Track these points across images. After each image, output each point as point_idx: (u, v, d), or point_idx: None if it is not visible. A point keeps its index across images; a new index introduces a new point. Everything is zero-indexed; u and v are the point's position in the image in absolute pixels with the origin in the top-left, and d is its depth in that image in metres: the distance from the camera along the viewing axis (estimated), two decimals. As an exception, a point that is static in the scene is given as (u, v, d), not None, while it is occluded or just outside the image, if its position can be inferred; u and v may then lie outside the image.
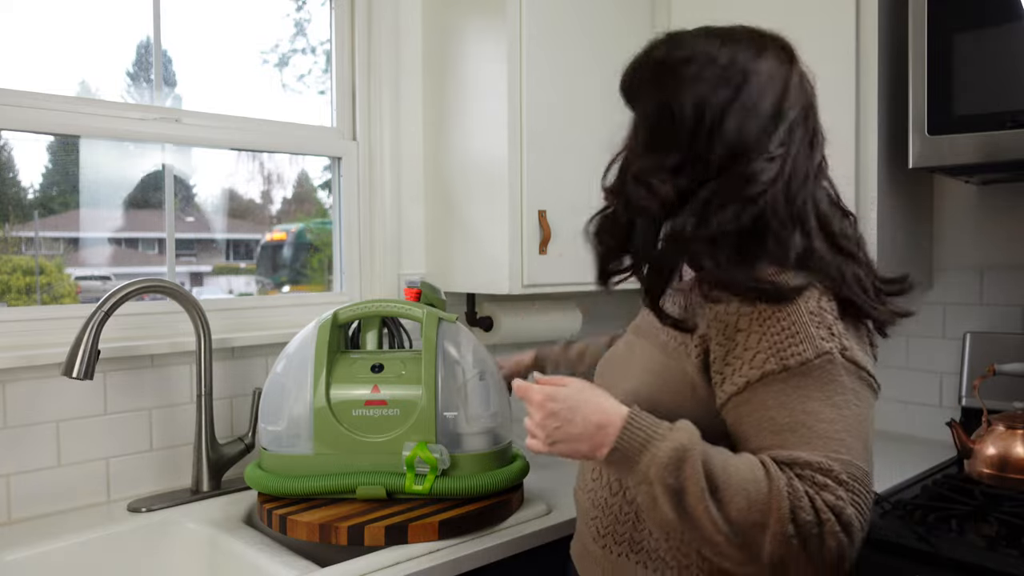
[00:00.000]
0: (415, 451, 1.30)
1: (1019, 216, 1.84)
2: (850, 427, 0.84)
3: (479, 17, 1.81)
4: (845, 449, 0.83)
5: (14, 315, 1.44)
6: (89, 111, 1.52)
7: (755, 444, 0.88)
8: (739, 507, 0.81)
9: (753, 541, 0.81)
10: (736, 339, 0.90)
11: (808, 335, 0.86)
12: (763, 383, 0.87)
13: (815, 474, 0.82)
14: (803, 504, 0.80)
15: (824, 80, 1.71)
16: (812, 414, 0.84)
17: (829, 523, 0.80)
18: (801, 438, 0.84)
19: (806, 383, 0.85)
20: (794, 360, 0.86)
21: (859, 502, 0.82)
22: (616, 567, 1.01)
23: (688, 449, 0.84)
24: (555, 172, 1.81)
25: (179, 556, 1.38)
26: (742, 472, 0.83)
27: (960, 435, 1.59)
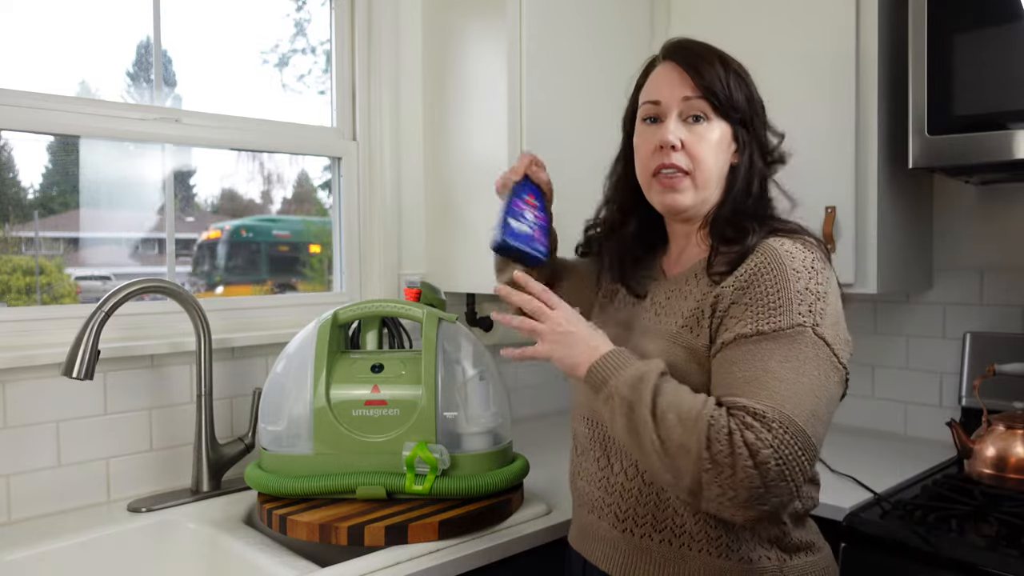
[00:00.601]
0: (415, 451, 1.30)
1: (1019, 216, 1.84)
2: (801, 390, 0.91)
3: (479, 17, 1.81)
4: (789, 405, 0.90)
5: (14, 315, 1.44)
6: (89, 111, 1.52)
7: (719, 391, 0.96)
8: (669, 425, 0.91)
9: (678, 461, 0.90)
10: (729, 311, 0.99)
11: (788, 308, 0.95)
12: (736, 343, 0.96)
13: (746, 415, 0.89)
14: (720, 436, 0.88)
15: (824, 80, 1.72)
16: (768, 372, 0.92)
17: (741, 458, 0.87)
18: (752, 389, 0.92)
19: (772, 347, 0.93)
20: (768, 326, 0.94)
21: (783, 449, 0.87)
22: (640, 548, 1.06)
23: (648, 372, 0.96)
24: (555, 172, 1.81)
25: (179, 556, 1.38)
26: (683, 399, 0.93)
27: (960, 435, 1.59)
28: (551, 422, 2.14)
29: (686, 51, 1.09)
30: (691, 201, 1.07)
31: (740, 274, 1.00)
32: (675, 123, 1.06)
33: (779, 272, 0.97)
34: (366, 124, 1.90)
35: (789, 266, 0.97)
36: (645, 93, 1.11)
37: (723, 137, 1.07)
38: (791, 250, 0.99)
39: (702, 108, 1.06)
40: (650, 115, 1.09)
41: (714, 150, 1.06)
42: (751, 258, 1.00)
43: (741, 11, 1.86)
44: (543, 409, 2.25)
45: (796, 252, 0.99)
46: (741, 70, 1.09)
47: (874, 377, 2.06)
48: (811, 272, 0.98)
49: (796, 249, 1.00)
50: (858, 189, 1.69)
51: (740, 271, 1.00)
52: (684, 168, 1.06)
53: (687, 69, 1.06)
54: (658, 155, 1.07)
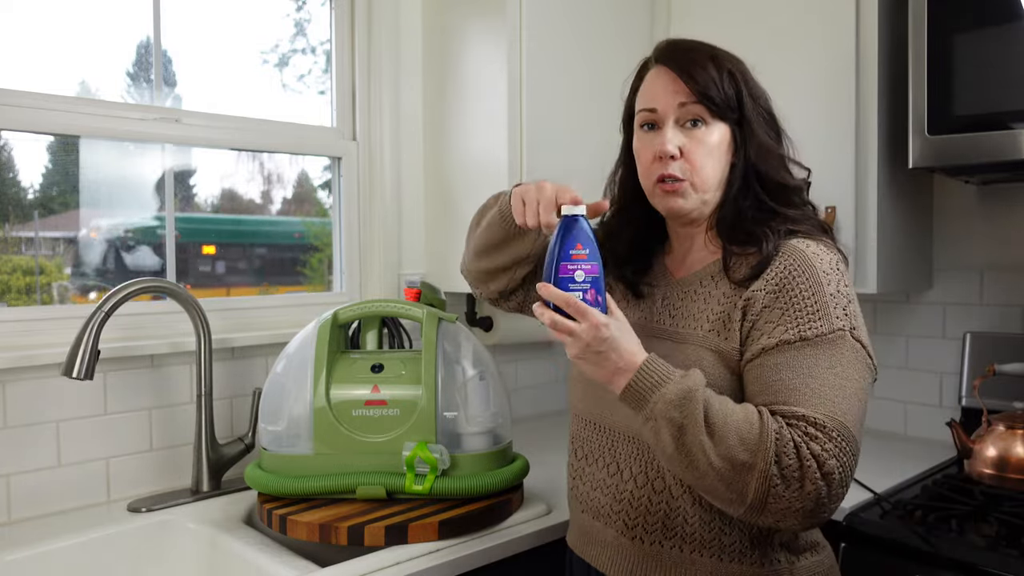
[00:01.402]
0: (415, 451, 1.30)
1: (1019, 216, 1.84)
2: (848, 395, 0.92)
3: (479, 17, 1.81)
4: (840, 411, 0.91)
5: (14, 315, 1.44)
6: (89, 111, 1.52)
7: (762, 400, 0.95)
8: (730, 444, 0.89)
9: (740, 479, 0.89)
10: (762, 315, 0.99)
11: (827, 313, 0.96)
12: (778, 349, 0.96)
13: (808, 426, 0.90)
14: (788, 449, 0.88)
15: (824, 80, 1.72)
16: (816, 378, 0.93)
17: (810, 470, 0.87)
18: (803, 397, 0.92)
19: (816, 352, 0.94)
20: (811, 332, 0.95)
21: (843, 457, 0.89)
22: (650, 556, 1.06)
23: (694, 390, 0.92)
24: (555, 172, 1.81)
25: (179, 556, 1.38)
26: (738, 415, 0.91)
27: (960, 435, 1.59)
28: (551, 422, 2.14)
29: (678, 53, 1.07)
30: (693, 205, 1.07)
31: (770, 277, 0.99)
32: (672, 130, 1.05)
33: (811, 275, 0.97)
34: (366, 124, 1.90)
35: (819, 268, 0.98)
36: (640, 99, 1.11)
37: (722, 138, 1.06)
38: (817, 252, 1.00)
39: (698, 112, 1.05)
40: (647, 122, 1.09)
41: (713, 153, 1.05)
42: (778, 260, 1.00)
43: (741, 11, 1.86)
44: (543, 409, 2.25)
45: (822, 253, 1.00)
46: (735, 66, 1.08)
47: (874, 377, 2.06)
48: (838, 273, 0.99)
49: (821, 251, 1.00)
50: (858, 189, 1.69)
51: (769, 274, 0.99)
52: (681, 176, 1.05)
53: (680, 74, 1.05)
54: (658, 164, 1.06)
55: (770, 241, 1.01)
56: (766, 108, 1.09)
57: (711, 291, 1.07)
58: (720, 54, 1.08)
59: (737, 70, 1.07)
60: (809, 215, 1.08)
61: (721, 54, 1.08)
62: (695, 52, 1.07)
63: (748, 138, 1.06)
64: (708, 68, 1.05)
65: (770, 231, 1.02)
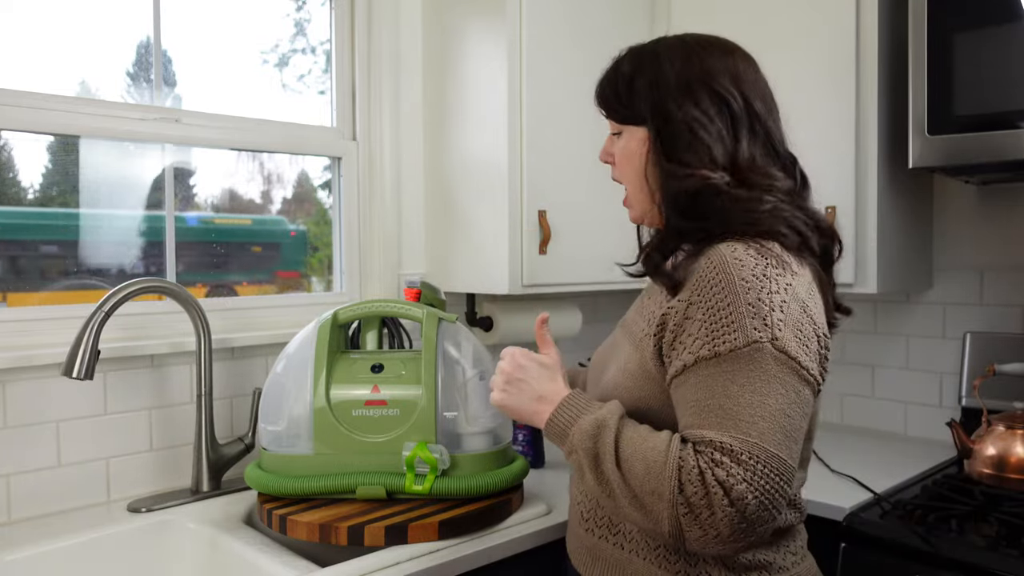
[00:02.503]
0: (415, 451, 1.30)
1: (1019, 216, 1.84)
2: (767, 413, 0.87)
3: (479, 17, 1.81)
4: (756, 432, 0.86)
5: (14, 315, 1.44)
6: (89, 111, 1.52)
7: (682, 423, 0.93)
8: (637, 474, 0.89)
9: (653, 508, 0.88)
10: (683, 326, 0.94)
11: (741, 324, 0.89)
12: (696, 367, 0.91)
13: (714, 452, 0.86)
14: (691, 477, 0.85)
15: (824, 80, 1.72)
16: (731, 398, 0.88)
17: (716, 496, 0.84)
18: (716, 419, 0.88)
19: (732, 369, 0.89)
20: (724, 347, 0.89)
21: (756, 481, 0.84)
22: (598, 548, 1.08)
23: (606, 420, 0.94)
24: (555, 172, 1.81)
25: (179, 556, 1.38)
26: (648, 443, 0.91)
27: (960, 435, 1.59)
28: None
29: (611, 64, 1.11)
30: (639, 212, 1.09)
31: (692, 286, 0.94)
32: (608, 140, 1.11)
33: (727, 283, 0.91)
34: (366, 124, 1.90)
35: (737, 276, 0.91)
36: None
37: (636, 144, 1.05)
38: (740, 257, 0.92)
39: (610, 121, 1.10)
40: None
41: (629, 160, 1.06)
42: (700, 264, 0.95)
43: (741, 11, 1.86)
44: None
45: (746, 259, 0.92)
46: (636, 67, 1.04)
47: (874, 377, 2.06)
48: (763, 280, 0.91)
49: (748, 256, 0.92)
50: (858, 189, 1.69)
51: (692, 282, 0.94)
52: (620, 181, 1.10)
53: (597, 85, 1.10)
54: None
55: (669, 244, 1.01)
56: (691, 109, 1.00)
57: (660, 293, 1.02)
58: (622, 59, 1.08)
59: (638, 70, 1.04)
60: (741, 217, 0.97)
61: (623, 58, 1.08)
62: (613, 62, 1.10)
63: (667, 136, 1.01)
64: (606, 74, 1.09)
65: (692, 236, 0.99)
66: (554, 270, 1.78)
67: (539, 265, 1.77)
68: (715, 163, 0.99)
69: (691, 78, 1.02)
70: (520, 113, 1.74)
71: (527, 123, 1.75)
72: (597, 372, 1.15)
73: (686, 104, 1.01)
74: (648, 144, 1.04)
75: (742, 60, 1.06)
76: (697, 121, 1.00)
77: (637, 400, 1.01)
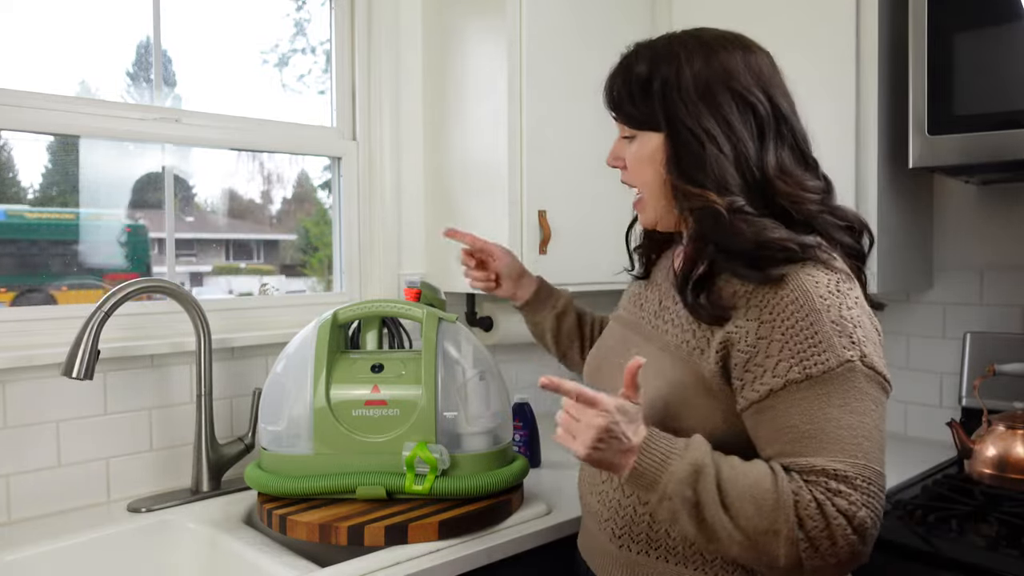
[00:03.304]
0: (415, 451, 1.30)
1: (1019, 216, 1.84)
2: (868, 432, 0.87)
3: (479, 17, 1.81)
4: (862, 453, 0.86)
5: (14, 315, 1.44)
6: (89, 111, 1.52)
7: (774, 449, 0.90)
8: (748, 515, 0.85)
9: (767, 547, 0.85)
10: (758, 346, 0.91)
11: (831, 344, 0.88)
12: (786, 391, 0.89)
13: (829, 480, 0.85)
14: (810, 511, 0.84)
15: (824, 80, 1.72)
16: (832, 421, 0.87)
17: (840, 528, 0.83)
18: (820, 444, 0.86)
19: (827, 391, 0.87)
20: (816, 369, 0.87)
21: (872, 503, 0.85)
22: (637, 564, 1.03)
23: (703, 464, 0.88)
24: (555, 172, 1.81)
25: (179, 556, 1.38)
26: (750, 479, 0.87)
27: (960, 435, 1.59)
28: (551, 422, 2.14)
29: (619, 62, 1.06)
30: (652, 216, 1.06)
31: (762, 304, 0.91)
32: (618, 143, 1.07)
33: (805, 301, 0.89)
34: (366, 124, 1.90)
35: (815, 293, 0.89)
36: None
37: (654, 148, 1.00)
38: (812, 273, 0.91)
39: (622, 125, 1.05)
40: None
41: (644, 164, 1.02)
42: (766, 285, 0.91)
43: (741, 11, 1.86)
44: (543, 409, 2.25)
45: (818, 275, 0.91)
46: (652, 68, 1.00)
47: (874, 377, 2.06)
48: (839, 296, 0.90)
49: (816, 272, 0.91)
50: (858, 189, 1.69)
51: (760, 300, 0.92)
52: (633, 186, 1.06)
53: (606, 85, 1.06)
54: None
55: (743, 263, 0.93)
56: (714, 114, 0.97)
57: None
58: (632, 61, 1.02)
59: (652, 75, 0.99)
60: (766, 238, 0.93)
61: (634, 60, 1.02)
62: (628, 54, 1.05)
63: (677, 146, 0.98)
64: (617, 78, 1.04)
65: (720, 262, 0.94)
66: (554, 270, 1.78)
67: (539, 265, 1.76)
68: (727, 185, 0.94)
69: (711, 80, 0.97)
70: (520, 113, 1.74)
71: (527, 123, 1.74)
72: (607, 370, 1.13)
73: (705, 113, 0.96)
74: (665, 153, 0.99)
75: (763, 56, 1.03)
76: (713, 133, 0.96)
77: (673, 408, 0.97)
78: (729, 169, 0.95)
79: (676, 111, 0.98)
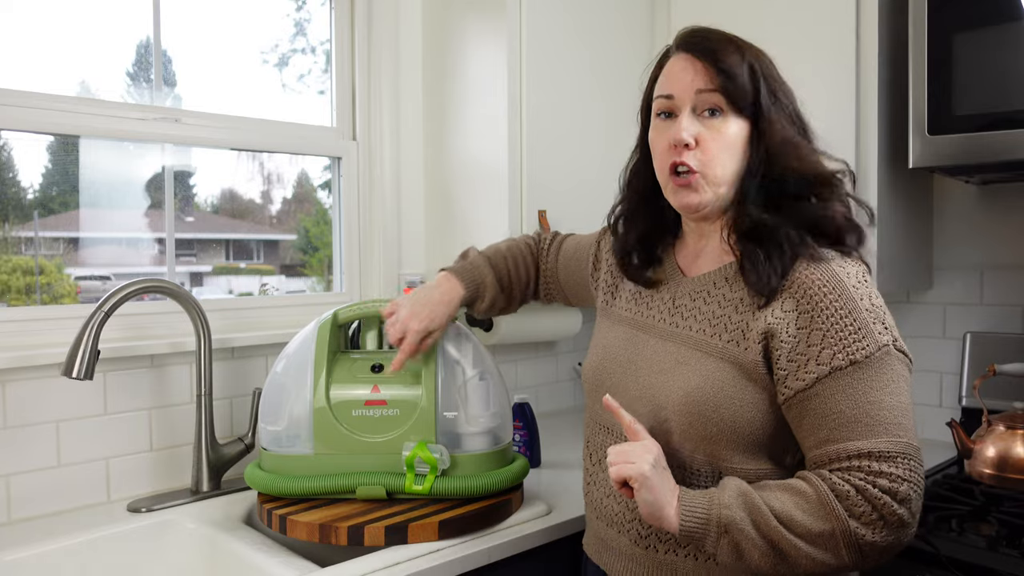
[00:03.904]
0: (415, 451, 1.30)
1: (1019, 216, 1.84)
2: (904, 410, 0.93)
3: (479, 17, 1.81)
4: (903, 431, 0.92)
5: (14, 315, 1.44)
6: (89, 111, 1.52)
7: (819, 436, 0.94)
8: (800, 522, 0.90)
9: (831, 549, 0.90)
10: (799, 336, 0.95)
11: (869, 330, 0.94)
12: (831, 378, 0.93)
13: (872, 463, 0.90)
14: (852, 499, 0.89)
15: (824, 80, 1.72)
16: (875, 403, 0.92)
17: (887, 506, 0.89)
18: (866, 427, 0.91)
19: (869, 375, 0.93)
20: (860, 354, 0.93)
21: (913, 476, 0.91)
22: (665, 564, 1.04)
23: (744, 489, 0.93)
24: (555, 172, 1.81)
25: (179, 556, 1.38)
26: (790, 491, 0.92)
27: (960, 435, 1.59)
28: (552, 422, 2.14)
29: (701, 40, 1.04)
30: (706, 200, 1.03)
31: (799, 295, 0.96)
32: (688, 119, 1.02)
33: (841, 291, 0.95)
34: (366, 124, 1.90)
35: (848, 283, 0.96)
36: (659, 87, 1.07)
37: (740, 132, 1.01)
38: (843, 265, 0.98)
39: (716, 102, 1.01)
40: (664, 109, 1.05)
41: (730, 146, 1.01)
42: (801, 274, 0.96)
43: (741, 11, 1.86)
44: (543, 409, 2.25)
45: (848, 266, 0.98)
46: (759, 60, 1.04)
47: (874, 377, 2.06)
48: (867, 286, 0.97)
49: (847, 263, 0.98)
50: (858, 189, 1.69)
51: (796, 292, 0.96)
52: (695, 167, 1.01)
53: (703, 59, 1.01)
54: (672, 152, 1.03)
55: (792, 247, 0.97)
56: (790, 105, 1.05)
57: (726, 295, 1.03)
58: (744, 45, 1.04)
59: (760, 64, 1.03)
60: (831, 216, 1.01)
61: (745, 45, 1.04)
62: (719, 40, 1.04)
63: (767, 134, 1.01)
64: (731, 56, 1.01)
65: (789, 239, 0.98)
66: (554, 270, 1.78)
67: (539, 265, 1.77)
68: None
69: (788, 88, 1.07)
70: (520, 113, 1.74)
71: (527, 123, 1.75)
72: (609, 367, 1.12)
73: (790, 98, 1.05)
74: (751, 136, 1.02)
75: None
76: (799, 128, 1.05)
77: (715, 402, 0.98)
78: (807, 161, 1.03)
79: (774, 101, 1.03)
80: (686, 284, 1.09)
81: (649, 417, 1.03)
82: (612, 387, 1.10)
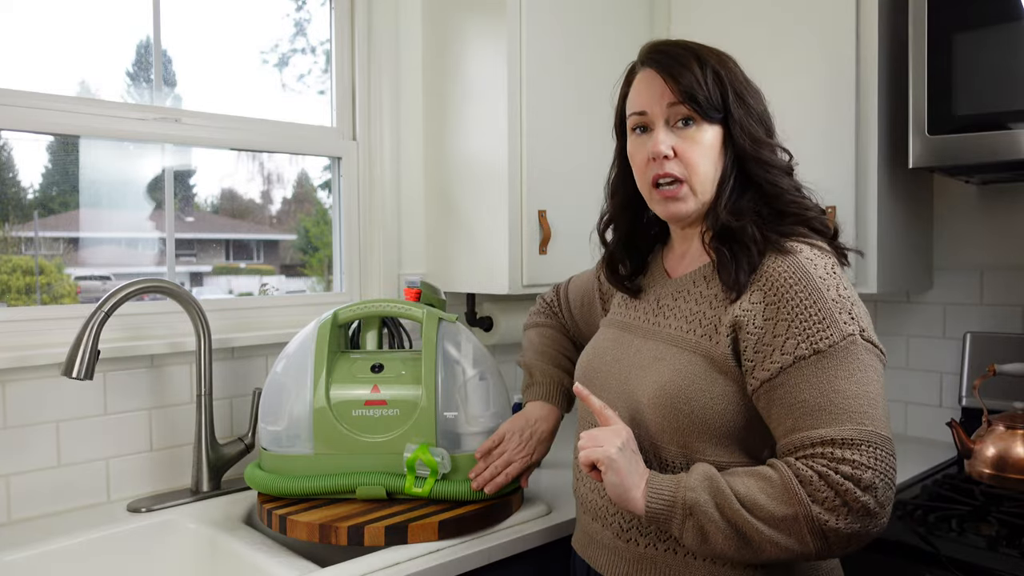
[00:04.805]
0: (416, 453, 1.30)
1: (1019, 216, 1.84)
2: (872, 400, 0.92)
3: (479, 17, 1.81)
4: (868, 420, 0.91)
5: (14, 315, 1.44)
6: (89, 111, 1.52)
7: (787, 425, 0.95)
8: (763, 506, 0.90)
9: (794, 535, 0.90)
10: (765, 327, 0.97)
11: (834, 320, 0.94)
12: (795, 367, 0.94)
13: (835, 449, 0.90)
14: (815, 484, 0.89)
15: (824, 80, 1.72)
16: (839, 392, 0.92)
17: (849, 492, 0.88)
18: (830, 415, 0.92)
19: (832, 364, 0.93)
20: (823, 343, 0.93)
21: (880, 465, 0.90)
22: (645, 558, 1.05)
23: (711, 473, 0.94)
24: (555, 172, 1.81)
25: (179, 556, 1.38)
26: (754, 477, 0.93)
27: (960, 435, 1.59)
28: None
29: (661, 55, 1.07)
30: (692, 207, 1.07)
31: (766, 288, 0.98)
32: (664, 132, 1.06)
33: (807, 282, 0.96)
34: (366, 124, 1.90)
35: (815, 274, 0.96)
36: (630, 104, 1.11)
37: (714, 138, 1.05)
38: (811, 257, 0.98)
39: (687, 113, 1.05)
40: (638, 125, 1.09)
41: (707, 153, 1.05)
42: (769, 267, 0.98)
43: (741, 12, 1.86)
44: (543, 409, 2.25)
45: (816, 258, 0.98)
46: (721, 64, 1.06)
47: (874, 377, 2.06)
48: (835, 277, 0.98)
49: (815, 255, 0.99)
50: (858, 189, 1.69)
51: (764, 284, 0.98)
52: (679, 176, 1.05)
53: (668, 73, 1.05)
54: (653, 165, 1.06)
55: (757, 245, 1.00)
56: (756, 106, 1.07)
57: (703, 292, 1.07)
58: (704, 53, 1.07)
59: (723, 68, 1.06)
60: (804, 212, 1.05)
61: (705, 53, 1.07)
62: (679, 53, 1.06)
63: (737, 137, 1.05)
64: (692, 68, 1.04)
65: (760, 234, 1.01)
66: (554, 270, 1.78)
67: (539, 265, 1.77)
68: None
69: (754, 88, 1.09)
70: (520, 113, 1.74)
71: (527, 123, 1.75)
72: (597, 365, 1.15)
73: (757, 99, 1.08)
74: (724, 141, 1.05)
75: None
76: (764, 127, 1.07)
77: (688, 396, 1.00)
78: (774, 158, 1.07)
79: (740, 103, 1.05)
80: (670, 285, 1.13)
81: (627, 412, 1.06)
82: (598, 385, 1.12)
